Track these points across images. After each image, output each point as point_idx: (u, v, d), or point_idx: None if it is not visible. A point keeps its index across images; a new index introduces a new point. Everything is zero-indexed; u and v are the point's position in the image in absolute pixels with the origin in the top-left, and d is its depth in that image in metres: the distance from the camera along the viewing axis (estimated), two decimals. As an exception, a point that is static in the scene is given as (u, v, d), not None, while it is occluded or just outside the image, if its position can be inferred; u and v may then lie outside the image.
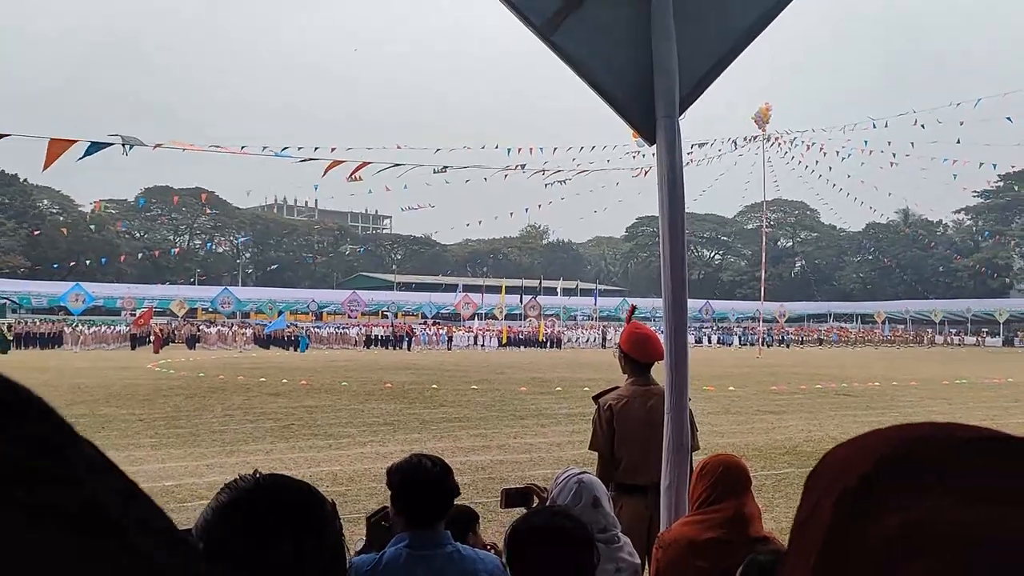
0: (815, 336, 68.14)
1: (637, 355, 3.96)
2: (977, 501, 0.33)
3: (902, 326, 74.54)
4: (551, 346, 55.00)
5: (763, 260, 49.09)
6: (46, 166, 9.25)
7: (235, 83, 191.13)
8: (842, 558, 0.35)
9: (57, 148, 9.63)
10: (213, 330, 48.79)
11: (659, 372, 3.60)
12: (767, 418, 15.10)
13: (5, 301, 38.60)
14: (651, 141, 2.64)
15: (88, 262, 62.30)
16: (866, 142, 41.37)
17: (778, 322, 66.99)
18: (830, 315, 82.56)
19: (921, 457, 0.35)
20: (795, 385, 22.92)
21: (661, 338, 3.49)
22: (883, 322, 71.83)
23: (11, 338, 37.79)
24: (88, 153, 9.47)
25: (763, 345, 53.04)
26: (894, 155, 41.99)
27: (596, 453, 3.96)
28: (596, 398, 4.04)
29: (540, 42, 2.43)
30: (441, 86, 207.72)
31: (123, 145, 9.90)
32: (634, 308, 4.49)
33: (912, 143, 38.03)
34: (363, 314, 63.40)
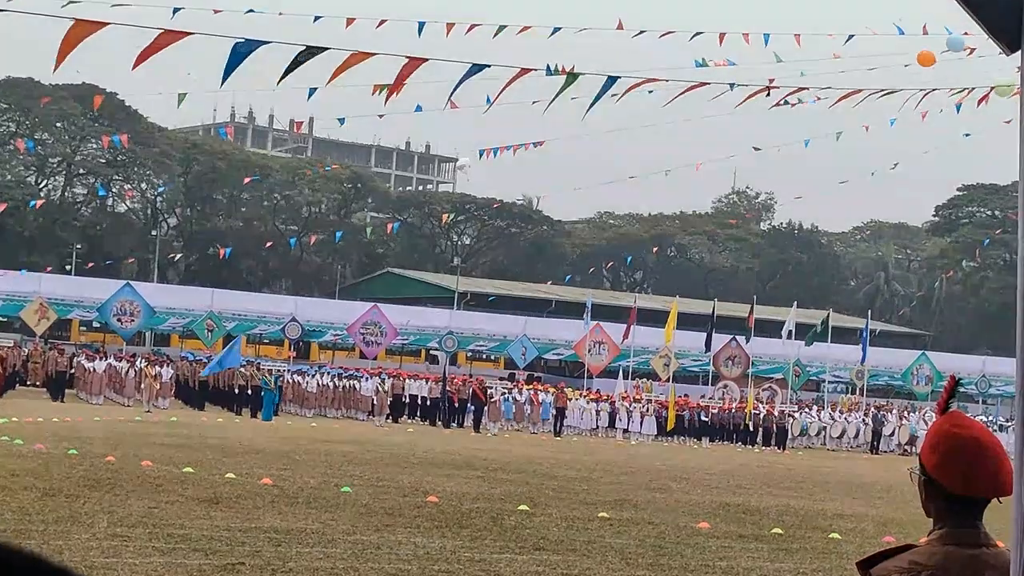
0: None
1: (954, 484, 3.88)
2: None
3: None
4: (766, 440, 54.22)
5: None
6: None
7: None
8: None
9: None
10: (100, 365, 50.52)
11: (996, 513, 3.51)
12: None
13: None
14: (1013, 47, 2.70)
15: None
16: None
17: None
18: None
19: None
20: None
21: (1006, 447, 3.40)
22: None
23: None
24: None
25: None
26: None
27: None
28: (865, 567, 3.99)
29: None
30: None
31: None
32: (956, 381, 4.39)
33: None
34: (389, 352, 64.23)
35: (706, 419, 55.19)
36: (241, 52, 13.63)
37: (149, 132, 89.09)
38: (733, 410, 56.26)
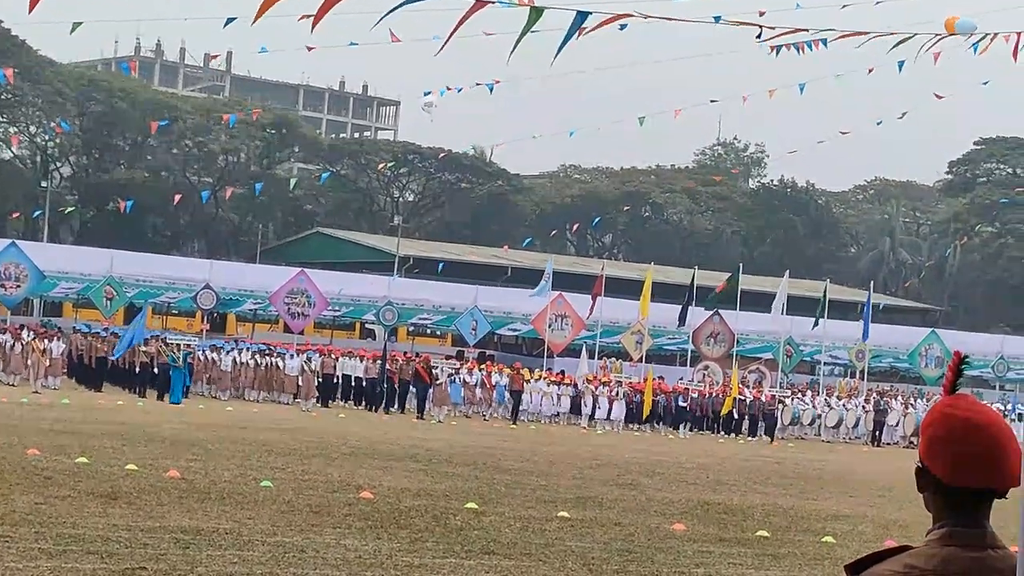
0: None
1: (943, 471, 3.92)
2: None
3: None
4: (752, 430, 54.67)
5: None
6: None
7: None
8: None
9: None
10: (-21, 340, 50.28)
11: (1003, 510, 3.55)
12: None
13: None
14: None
15: None
16: None
17: None
18: None
19: None
20: None
21: (1017, 433, 3.42)
22: None
23: None
24: None
25: None
26: None
27: None
28: (855, 571, 4.03)
29: None
30: None
31: None
32: (962, 358, 4.42)
33: None
34: (318, 325, 63.93)
35: (684, 405, 55.39)
36: None
37: (39, 67, 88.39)
38: (715, 395, 56.49)
